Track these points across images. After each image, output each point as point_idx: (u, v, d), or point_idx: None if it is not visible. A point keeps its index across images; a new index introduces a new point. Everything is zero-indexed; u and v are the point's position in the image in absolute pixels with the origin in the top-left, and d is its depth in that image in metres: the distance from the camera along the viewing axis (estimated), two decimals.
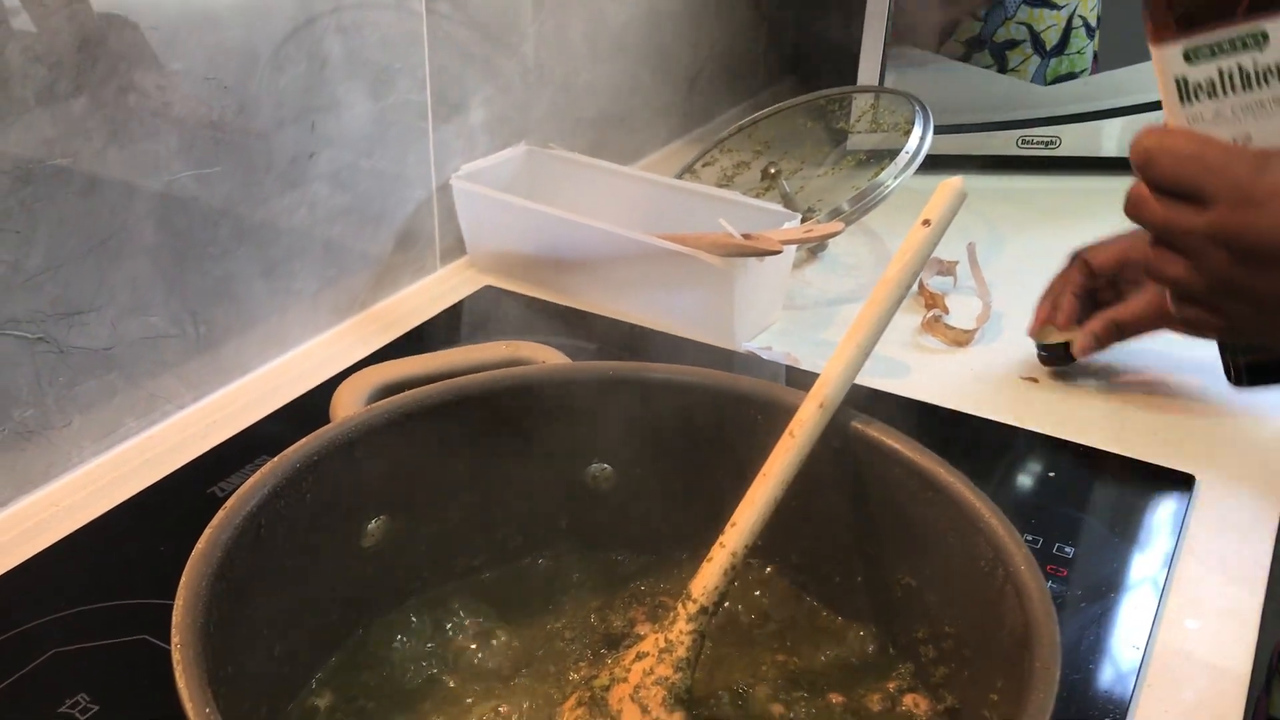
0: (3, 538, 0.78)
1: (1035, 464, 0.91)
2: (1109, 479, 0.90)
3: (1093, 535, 0.82)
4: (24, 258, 0.77)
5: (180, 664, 0.43)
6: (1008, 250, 1.27)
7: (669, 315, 1.06)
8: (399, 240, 1.10)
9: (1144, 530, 0.83)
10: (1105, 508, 0.86)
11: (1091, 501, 0.87)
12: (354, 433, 0.60)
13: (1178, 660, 0.72)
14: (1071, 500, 0.87)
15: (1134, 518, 0.85)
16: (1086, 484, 0.90)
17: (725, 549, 0.59)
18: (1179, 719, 0.68)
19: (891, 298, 0.60)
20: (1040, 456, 0.91)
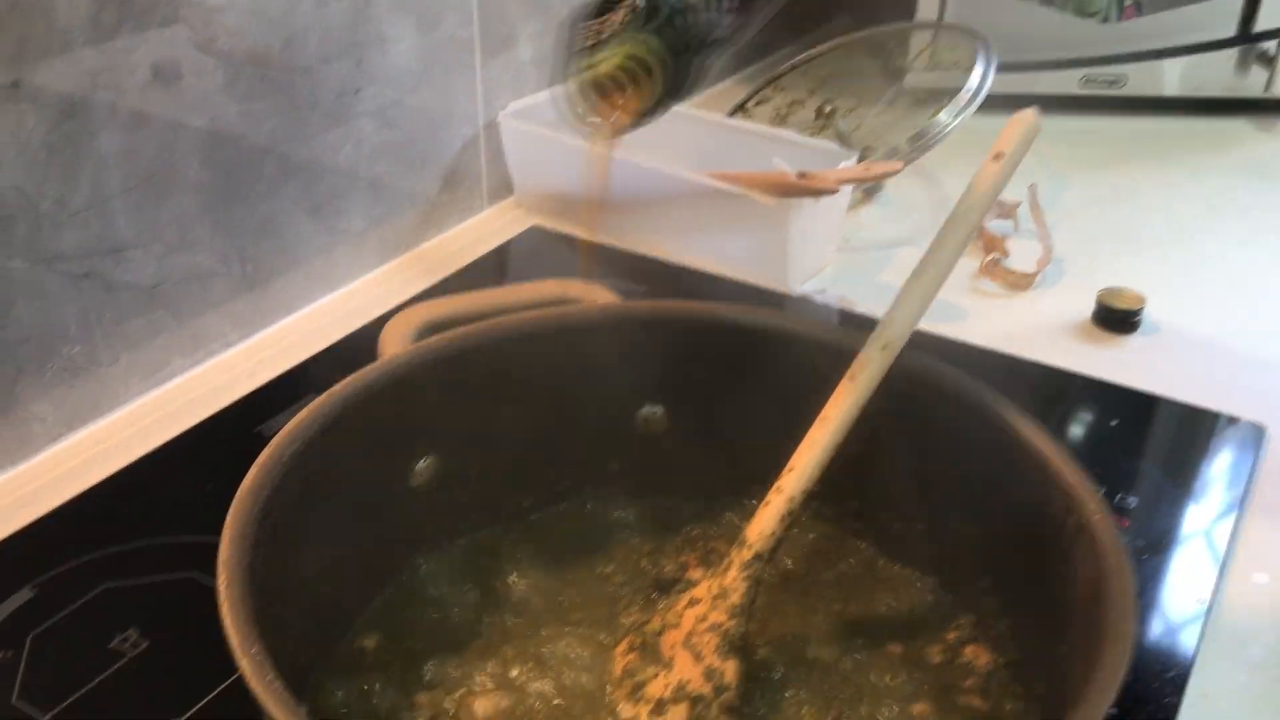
0: (53, 473, 0.79)
1: (1096, 412, 0.88)
2: (1174, 428, 0.87)
3: (1156, 486, 0.80)
4: (69, 193, 0.76)
5: (226, 603, 0.42)
6: (1069, 193, 1.23)
7: (720, 257, 1.04)
8: (445, 179, 1.09)
9: (1210, 481, 0.81)
10: (1169, 457, 0.84)
11: (1155, 451, 0.85)
12: (402, 370, 0.58)
13: (1244, 615, 0.69)
14: (1134, 449, 0.84)
15: (1200, 468, 0.82)
16: (1150, 433, 0.87)
17: (782, 494, 0.57)
18: (1244, 675, 0.66)
19: (959, 236, 0.58)
20: (1101, 404, 0.89)
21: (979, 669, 0.59)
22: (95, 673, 0.62)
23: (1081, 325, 1.00)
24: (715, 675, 0.56)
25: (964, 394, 0.59)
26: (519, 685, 0.58)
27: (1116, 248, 1.13)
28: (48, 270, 0.76)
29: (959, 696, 0.57)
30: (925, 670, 0.59)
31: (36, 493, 0.77)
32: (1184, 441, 0.86)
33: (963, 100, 1.16)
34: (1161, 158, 1.31)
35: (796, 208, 0.98)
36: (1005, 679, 0.58)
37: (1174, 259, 1.12)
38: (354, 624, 0.60)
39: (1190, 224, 1.19)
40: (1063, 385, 0.91)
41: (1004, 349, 0.94)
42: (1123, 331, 0.98)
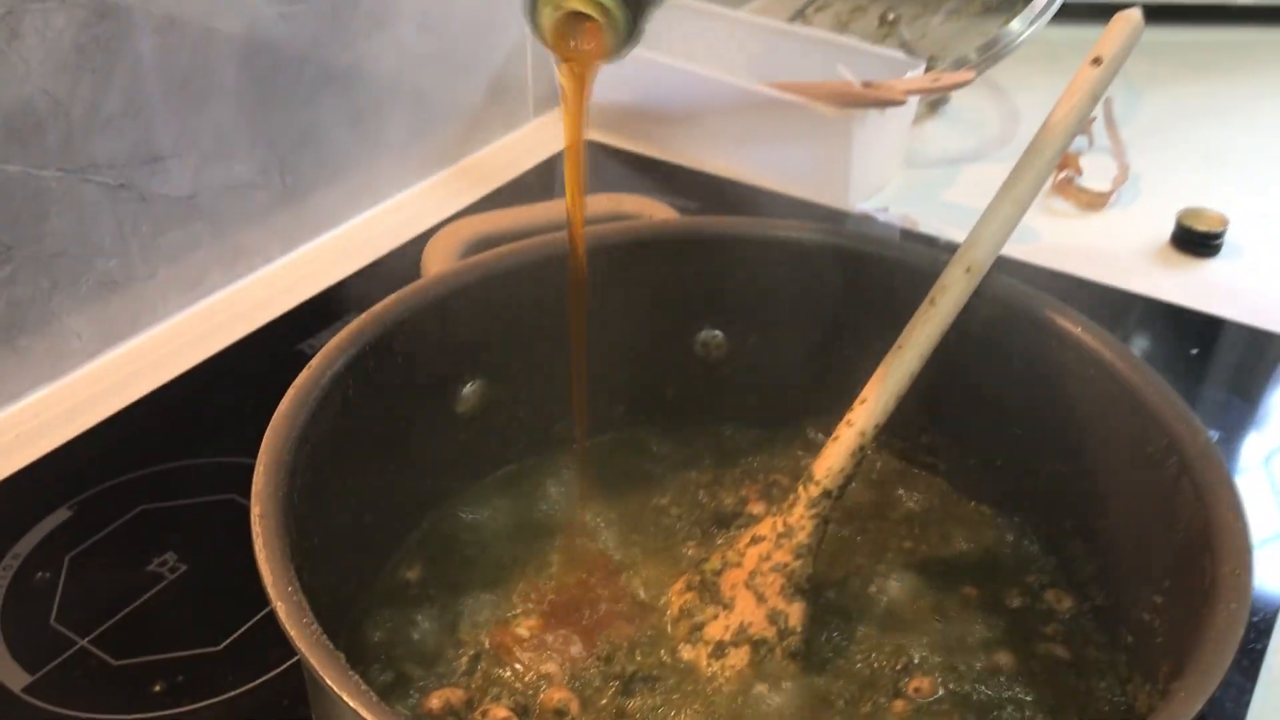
0: (90, 390, 0.77)
1: (1174, 340, 0.84)
2: (1260, 358, 0.83)
3: (1241, 419, 0.76)
4: (102, 99, 0.73)
5: (261, 536, 0.39)
6: (1147, 108, 1.18)
7: (779, 171, 1.00)
8: (491, 89, 1.05)
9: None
10: (1253, 389, 0.80)
11: (1237, 382, 0.81)
12: (447, 289, 0.55)
13: None
14: (1216, 380, 0.81)
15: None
16: (1232, 363, 0.83)
17: (853, 428, 0.54)
18: None
19: (1054, 147, 0.53)
20: (1180, 331, 0.85)
21: (1061, 614, 0.56)
22: (133, 596, 0.61)
23: (1159, 248, 0.95)
24: (780, 618, 0.53)
25: (1050, 319, 0.55)
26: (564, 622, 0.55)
27: (1197, 166, 1.08)
28: (81, 180, 0.74)
29: (1039, 644, 0.54)
30: (1003, 615, 0.56)
31: (73, 410, 0.75)
32: (1271, 373, 0.82)
33: (1036, 8, 1.10)
34: (1245, 70, 1.25)
35: (860, 119, 0.94)
36: (1089, 626, 0.55)
37: (1258, 178, 1.06)
38: (396, 554, 0.58)
39: (1275, 141, 1.13)
40: (1139, 311, 0.87)
41: (1076, 272, 0.90)
42: (1203, 255, 0.94)
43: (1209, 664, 0.37)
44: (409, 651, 0.52)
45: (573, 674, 0.52)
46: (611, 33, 0.42)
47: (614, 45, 0.43)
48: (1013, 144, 1.10)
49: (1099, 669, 0.53)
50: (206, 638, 0.59)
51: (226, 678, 0.57)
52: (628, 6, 0.41)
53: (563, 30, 0.43)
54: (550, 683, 0.52)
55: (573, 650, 0.53)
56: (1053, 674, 0.53)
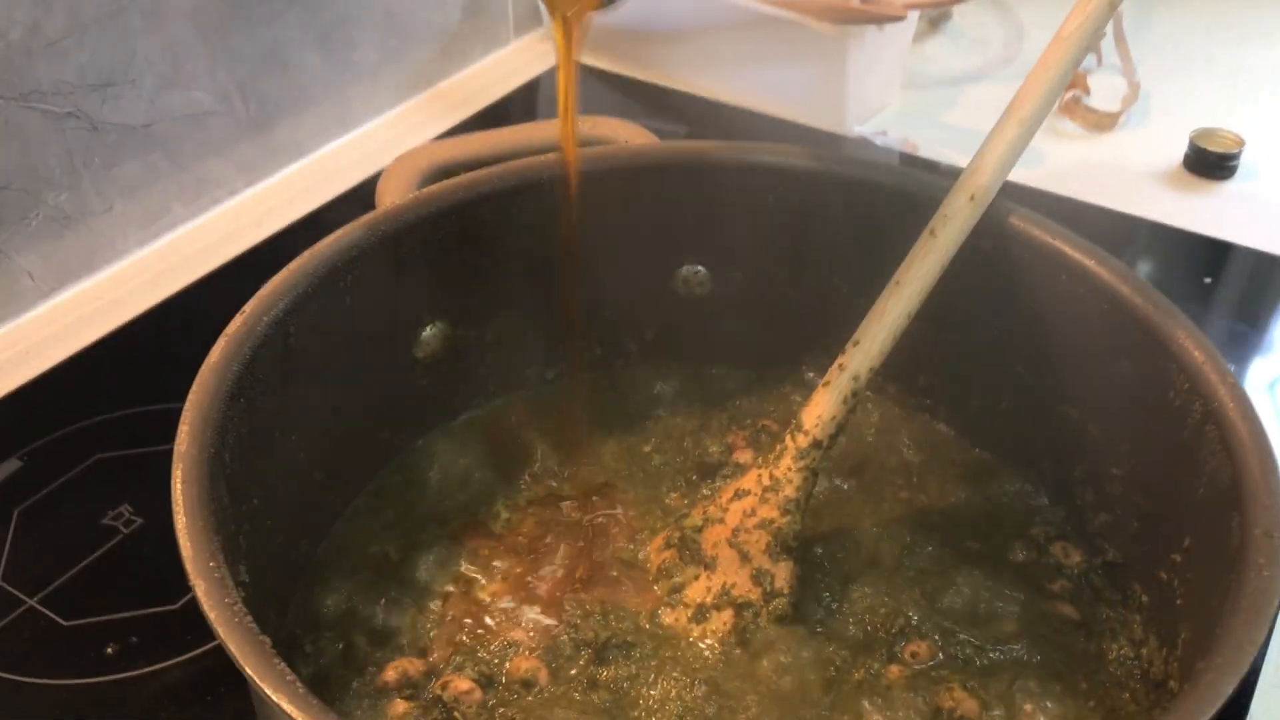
0: (44, 332, 0.74)
1: (1188, 267, 0.81)
2: (1277, 287, 0.80)
3: (1257, 350, 0.74)
4: (43, 18, 0.69)
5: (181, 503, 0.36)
6: (1157, 23, 1.14)
7: (771, 93, 0.96)
8: (467, 7, 1.00)
9: None
10: (1272, 320, 0.77)
11: (1255, 312, 0.78)
12: (400, 223, 0.51)
13: None
14: (1231, 310, 0.78)
15: None
16: (1249, 292, 0.80)
17: (845, 372, 0.50)
18: None
19: (1066, 62, 0.49)
20: (1194, 259, 0.82)
21: (1069, 569, 0.53)
22: (85, 552, 0.59)
23: (1171, 170, 0.92)
24: (765, 579, 0.50)
25: (1062, 251, 0.51)
26: (532, 584, 0.52)
27: (1211, 84, 1.04)
28: (24, 108, 0.70)
29: (1046, 602, 0.51)
30: (1007, 570, 0.53)
31: (25, 354, 0.72)
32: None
33: None
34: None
35: (857, 37, 0.90)
36: (1100, 583, 0.52)
37: (1276, 97, 1.02)
38: (350, 511, 0.55)
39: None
40: (1150, 237, 0.84)
41: (1083, 197, 0.87)
42: (1218, 177, 0.91)
43: (1240, 639, 0.34)
44: (365, 618, 0.50)
45: (541, 641, 0.49)
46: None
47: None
48: (1018, 62, 1.06)
49: (1111, 630, 0.50)
50: (163, 596, 0.57)
51: (184, 638, 0.55)
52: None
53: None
54: (517, 651, 0.49)
55: (542, 614, 0.50)
56: (1060, 635, 0.50)
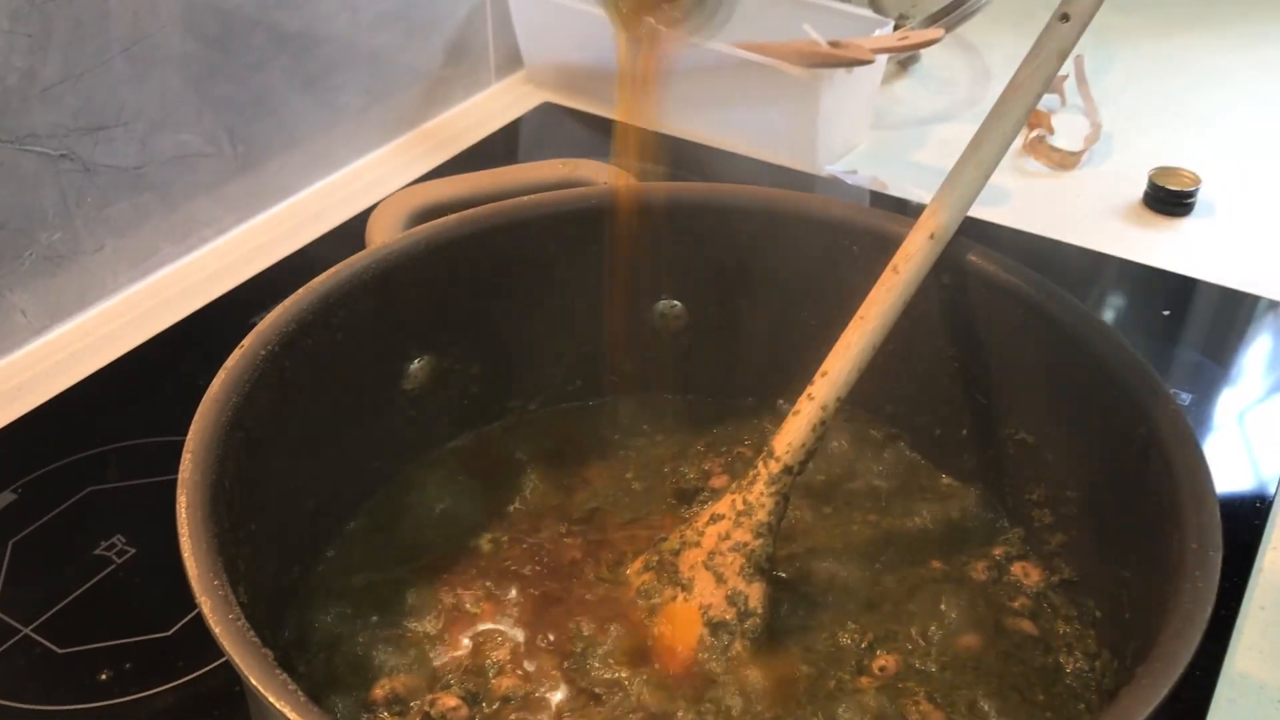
0: (36, 368, 0.75)
1: (1147, 301, 0.83)
2: (1232, 318, 0.83)
3: (1212, 381, 0.75)
4: (39, 65, 0.71)
5: (186, 526, 0.37)
6: (1118, 65, 1.16)
7: (744, 134, 0.98)
8: (450, 51, 1.02)
9: (1270, 375, 0.76)
10: (1226, 351, 0.79)
11: (1211, 344, 0.80)
12: (390, 261, 0.53)
13: None
14: (1189, 342, 0.80)
15: (1259, 362, 0.77)
16: (1206, 324, 0.82)
17: (814, 401, 0.52)
18: None
19: (1020, 108, 0.51)
20: (1153, 292, 0.84)
21: (1028, 588, 0.55)
22: (79, 581, 0.60)
23: (1132, 207, 0.94)
24: (739, 599, 0.51)
25: (1017, 286, 0.54)
26: (517, 606, 0.53)
27: (1169, 124, 1.07)
28: (20, 150, 0.71)
29: (1007, 618, 0.53)
30: (969, 588, 0.54)
31: (19, 389, 0.73)
32: (1244, 334, 0.81)
33: None
34: (1217, 26, 1.23)
35: (827, 80, 0.92)
36: (1057, 601, 0.54)
37: (1231, 136, 1.05)
38: (341, 535, 0.56)
39: (1248, 97, 1.12)
40: (1111, 271, 0.86)
41: (1048, 233, 0.89)
42: (1176, 214, 0.93)
43: (1174, 647, 0.36)
44: (354, 640, 0.51)
45: (526, 658, 0.50)
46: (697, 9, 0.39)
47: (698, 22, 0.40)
48: (984, 103, 1.08)
49: (1067, 644, 0.52)
50: (156, 623, 0.57)
51: (177, 664, 0.55)
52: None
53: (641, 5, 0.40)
54: (502, 669, 0.50)
55: (526, 633, 0.52)
56: (1020, 650, 0.52)
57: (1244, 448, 0.70)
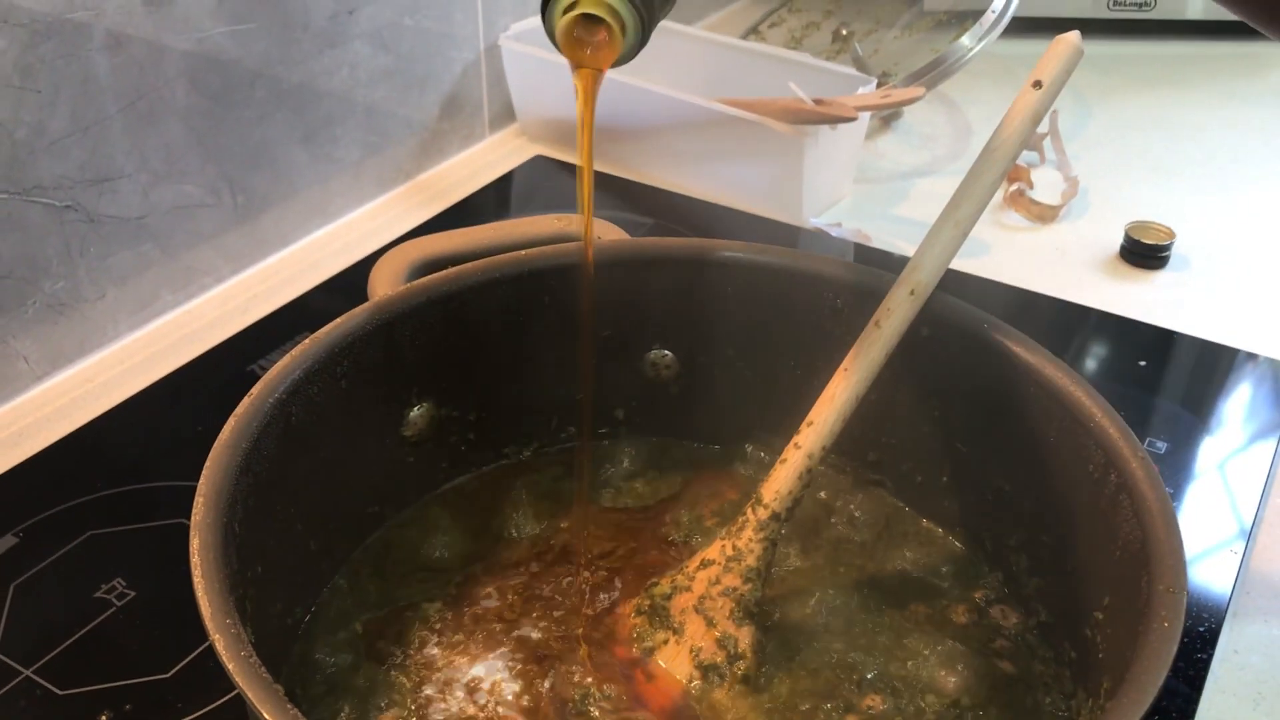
0: (38, 414, 0.76)
1: (1124, 352, 0.85)
2: (1206, 369, 0.84)
3: (1188, 430, 0.77)
4: (47, 119, 0.72)
5: (199, 568, 0.39)
6: (1095, 121, 1.19)
7: (732, 188, 1.00)
8: (445, 106, 1.04)
9: (1244, 425, 0.78)
10: (1201, 401, 0.80)
11: (1186, 394, 0.81)
12: (392, 313, 0.55)
13: (1278, 567, 0.67)
14: (1165, 392, 0.81)
15: (1233, 412, 0.79)
16: (1181, 374, 0.84)
17: (800, 450, 0.54)
18: (1278, 629, 0.63)
19: (995, 170, 0.54)
20: (1129, 343, 0.85)
21: (1007, 630, 0.56)
22: (80, 624, 0.61)
23: (1108, 260, 0.96)
24: (729, 643, 0.53)
25: (993, 338, 0.55)
26: (513, 647, 0.55)
27: (1145, 178, 1.09)
28: (26, 201, 0.73)
29: (987, 659, 0.54)
30: (951, 630, 0.56)
31: (20, 434, 0.74)
32: (1218, 384, 0.83)
33: (986, 23, 1.11)
34: (1191, 84, 1.26)
35: (812, 136, 0.94)
36: (1034, 641, 0.55)
37: (1204, 190, 1.08)
38: (341, 577, 0.57)
39: (1221, 153, 1.14)
40: (1088, 323, 0.87)
41: (1027, 285, 0.90)
42: (1152, 267, 0.95)
43: (1141, 684, 0.37)
44: (354, 680, 0.52)
45: (518, 699, 0.52)
46: (622, 38, 0.42)
47: (624, 50, 0.43)
48: (965, 157, 1.11)
49: (1045, 684, 0.53)
50: (155, 665, 0.58)
51: (176, 705, 0.56)
52: (638, 13, 0.42)
53: (574, 33, 0.43)
54: (495, 714, 0.51)
55: (521, 674, 0.53)
56: (1000, 689, 0.53)
57: (1218, 496, 0.71)
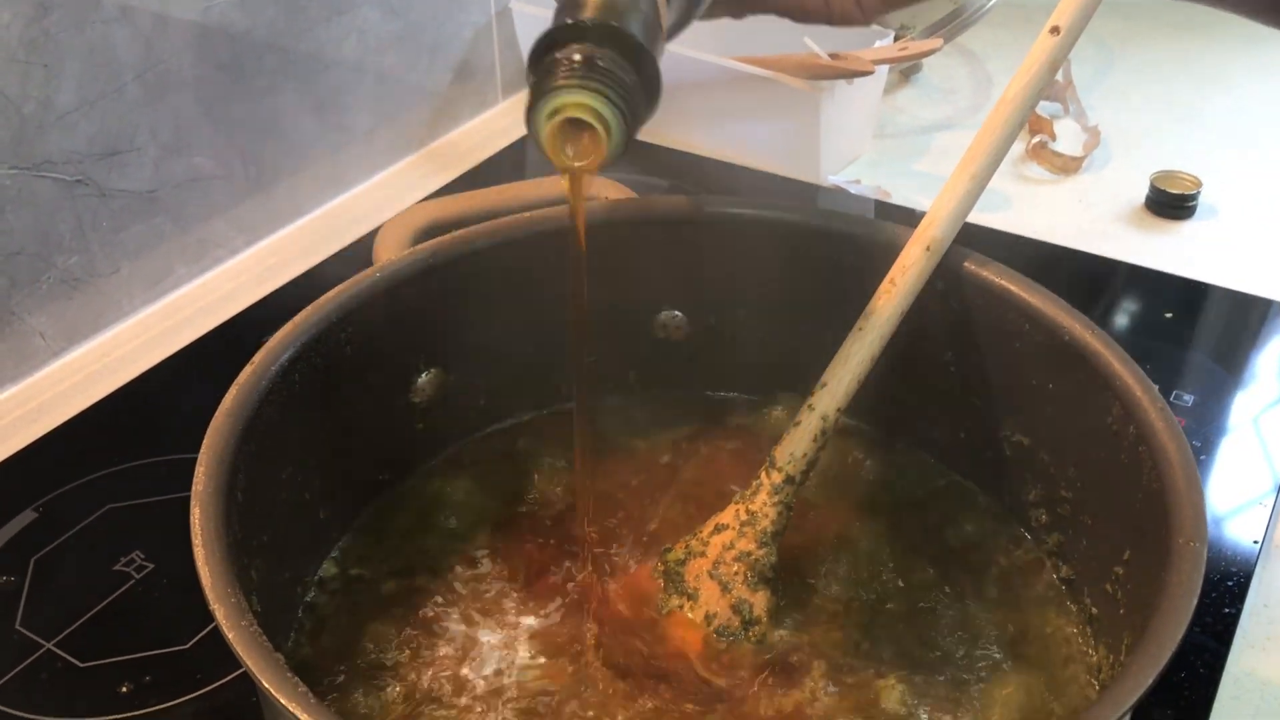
0: (55, 390, 0.76)
1: (1149, 304, 0.84)
2: (1236, 321, 0.83)
3: (1214, 383, 0.75)
4: (54, 94, 0.72)
5: (200, 537, 0.38)
6: (1119, 68, 1.17)
7: (748, 147, 0.99)
8: (457, 71, 1.03)
9: (1276, 377, 0.76)
10: (1228, 352, 0.79)
11: (1212, 345, 0.80)
12: (395, 278, 0.54)
13: None
14: (1190, 344, 0.80)
15: (1264, 364, 0.78)
16: (1207, 325, 0.82)
17: (814, 412, 0.53)
18: None
19: (1012, 121, 0.52)
20: (1155, 295, 0.84)
21: (1029, 586, 0.55)
22: (100, 597, 0.61)
23: (1133, 211, 0.95)
24: (744, 608, 0.52)
25: (1009, 291, 0.54)
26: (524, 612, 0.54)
27: (1170, 127, 1.07)
28: (36, 177, 0.73)
29: (1007, 616, 0.54)
30: (969, 587, 0.55)
31: (38, 410, 0.75)
32: (1244, 334, 0.81)
33: None
34: (1219, 29, 1.24)
35: (829, 91, 0.93)
36: (1056, 599, 0.54)
37: (1232, 138, 1.06)
38: (350, 544, 0.57)
39: (1248, 100, 1.12)
40: (1113, 275, 0.86)
41: (1050, 238, 0.89)
42: (1177, 217, 0.94)
43: (1161, 638, 0.37)
44: (364, 646, 0.52)
45: (528, 666, 0.51)
46: (606, 142, 0.42)
47: (608, 154, 0.43)
48: (985, 110, 1.07)
49: (1066, 640, 0.52)
50: (174, 636, 0.58)
51: (195, 676, 0.56)
52: (623, 118, 0.42)
53: (560, 136, 0.43)
54: (506, 673, 0.51)
55: (529, 641, 0.52)
56: (1022, 646, 0.52)
57: (1248, 449, 0.70)
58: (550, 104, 0.42)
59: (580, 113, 0.42)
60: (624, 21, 0.42)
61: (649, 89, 0.43)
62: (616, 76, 0.41)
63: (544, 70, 0.42)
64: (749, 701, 0.50)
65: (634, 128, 0.43)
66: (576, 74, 0.41)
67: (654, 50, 0.43)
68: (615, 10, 0.42)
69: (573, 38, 0.42)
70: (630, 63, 0.42)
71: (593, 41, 0.42)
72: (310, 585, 0.54)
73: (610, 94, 0.41)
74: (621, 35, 0.42)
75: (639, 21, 0.43)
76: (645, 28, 0.43)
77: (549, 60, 0.42)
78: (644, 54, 0.42)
